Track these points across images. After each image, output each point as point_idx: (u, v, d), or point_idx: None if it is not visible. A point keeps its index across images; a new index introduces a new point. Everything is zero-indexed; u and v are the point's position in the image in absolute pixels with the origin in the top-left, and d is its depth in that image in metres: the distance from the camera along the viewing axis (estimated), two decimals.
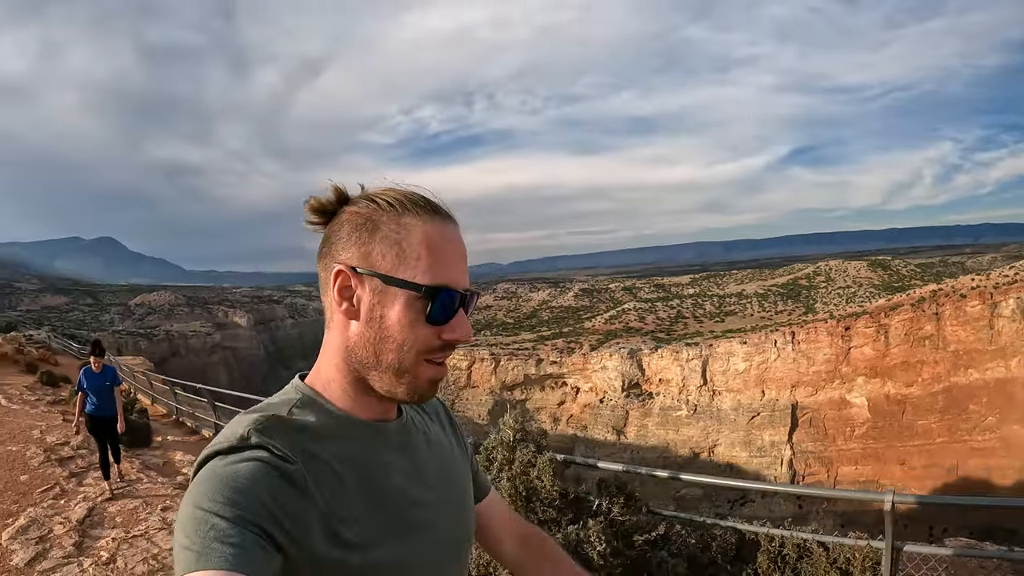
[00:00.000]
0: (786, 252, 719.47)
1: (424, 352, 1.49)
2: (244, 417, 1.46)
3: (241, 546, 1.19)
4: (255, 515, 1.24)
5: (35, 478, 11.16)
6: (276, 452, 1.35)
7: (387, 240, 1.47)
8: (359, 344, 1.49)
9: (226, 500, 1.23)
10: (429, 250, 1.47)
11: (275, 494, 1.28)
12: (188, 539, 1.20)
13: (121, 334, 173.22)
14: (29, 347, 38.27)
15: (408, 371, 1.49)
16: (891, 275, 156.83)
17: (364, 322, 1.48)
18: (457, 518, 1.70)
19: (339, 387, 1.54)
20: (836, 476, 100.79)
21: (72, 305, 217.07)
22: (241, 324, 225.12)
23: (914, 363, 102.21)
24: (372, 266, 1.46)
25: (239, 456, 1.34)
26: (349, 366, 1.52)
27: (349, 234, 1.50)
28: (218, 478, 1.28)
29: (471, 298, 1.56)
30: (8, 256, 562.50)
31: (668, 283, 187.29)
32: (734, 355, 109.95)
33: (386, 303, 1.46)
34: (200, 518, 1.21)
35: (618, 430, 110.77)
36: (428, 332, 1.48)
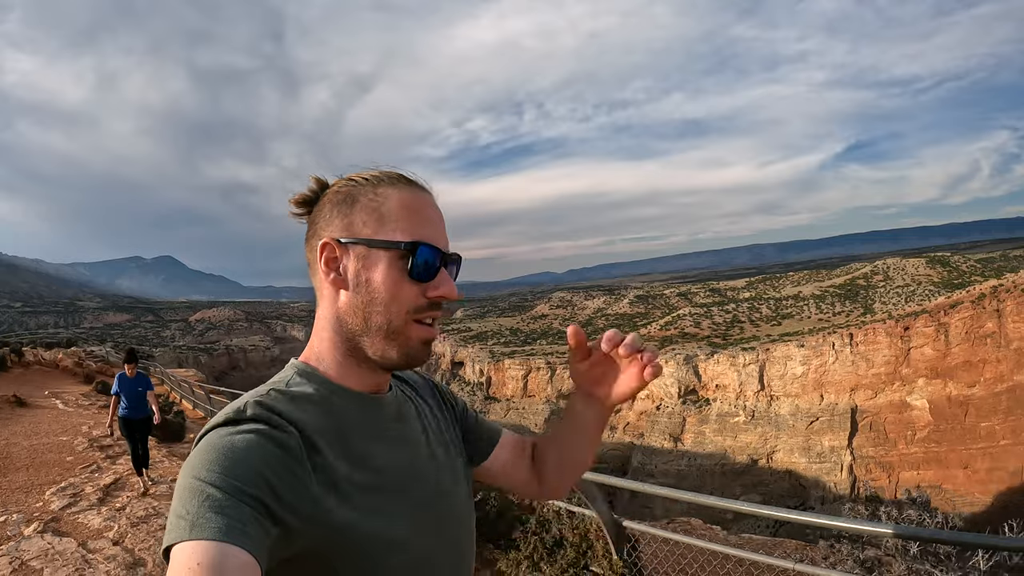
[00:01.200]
0: (842, 251, 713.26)
1: (412, 311, 1.54)
2: (245, 394, 1.51)
3: (234, 517, 1.20)
4: (250, 485, 1.25)
5: (78, 459, 14.19)
6: (273, 424, 1.38)
7: (366, 208, 1.55)
8: (349, 311, 1.55)
9: (222, 470, 1.25)
10: (407, 212, 1.55)
11: (271, 464, 1.30)
12: (183, 508, 1.22)
13: (182, 349, 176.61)
14: (88, 360, 40.89)
15: (398, 332, 1.54)
16: (951, 272, 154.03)
17: (352, 289, 1.54)
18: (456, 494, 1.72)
19: (332, 360, 1.59)
20: (897, 482, 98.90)
21: (134, 322, 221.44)
22: (299, 338, 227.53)
23: (976, 362, 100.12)
24: (355, 234, 1.54)
25: (236, 428, 1.36)
26: (341, 336, 1.57)
27: (330, 210, 1.58)
28: (215, 449, 1.30)
29: (454, 260, 1.64)
30: (72, 276, 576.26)
31: (723, 287, 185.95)
32: (791, 359, 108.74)
33: (370, 266, 1.53)
34: (195, 488, 1.23)
35: (675, 437, 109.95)
36: (413, 290, 1.54)
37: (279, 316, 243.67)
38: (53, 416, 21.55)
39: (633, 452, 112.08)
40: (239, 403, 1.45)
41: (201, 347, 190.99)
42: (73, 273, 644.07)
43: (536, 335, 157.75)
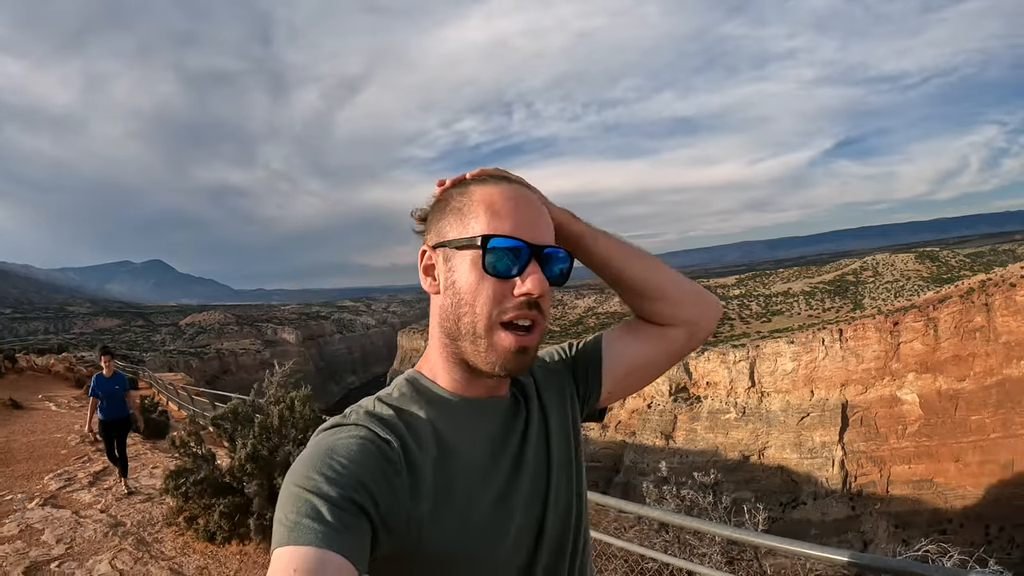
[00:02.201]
0: (833, 248, 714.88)
1: (497, 312, 1.47)
2: (357, 402, 1.54)
3: (332, 522, 1.20)
4: (350, 490, 1.26)
5: (71, 452, 16.09)
6: (375, 431, 1.39)
7: (452, 211, 1.52)
8: (444, 316, 1.52)
9: (322, 477, 1.26)
10: (487, 207, 1.48)
11: (371, 472, 1.31)
12: (283, 514, 1.23)
13: (172, 353, 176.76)
14: (79, 366, 41.57)
15: (483, 336, 1.47)
16: (940, 267, 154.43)
17: (443, 292, 1.51)
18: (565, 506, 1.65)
19: (441, 367, 1.57)
20: (889, 476, 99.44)
21: (124, 327, 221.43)
22: (290, 340, 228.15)
23: (965, 356, 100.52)
24: (442, 237, 1.52)
25: (340, 433, 1.38)
26: (443, 342, 1.55)
27: (430, 219, 1.57)
28: (317, 455, 1.31)
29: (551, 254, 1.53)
30: (63, 281, 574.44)
31: (713, 284, 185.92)
32: (782, 355, 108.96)
33: (455, 267, 1.49)
34: (295, 494, 1.25)
35: (666, 435, 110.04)
36: (498, 288, 1.46)
37: (270, 319, 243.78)
38: (47, 417, 23.40)
39: (625, 450, 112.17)
40: (346, 412, 1.48)
41: (192, 351, 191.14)
42: (63, 278, 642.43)
43: None
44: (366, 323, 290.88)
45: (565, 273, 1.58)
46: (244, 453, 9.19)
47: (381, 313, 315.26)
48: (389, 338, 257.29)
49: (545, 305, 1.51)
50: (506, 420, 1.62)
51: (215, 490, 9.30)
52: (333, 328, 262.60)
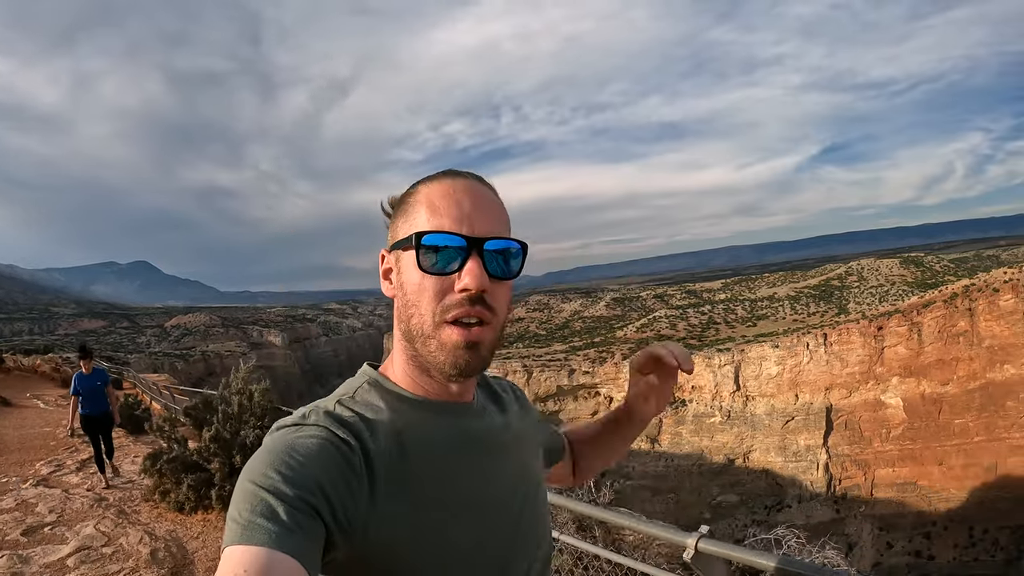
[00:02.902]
0: (819, 253, 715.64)
1: (440, 310, 1.43)
2: (312, 403, 1.49)
3: (286, 523, 1.18)
4: (305, 492, 1.23)
5: (60, 444, 17.20)
6: (335, 432, 1.35)
7: (402, 213, 1.50)
8: (399, 318, 1.49)
9: (279, 476, 1.24)
10: (427, 204, 1.45)
11: (329, 473, 1.28)
12: (237, 511, 1.21)
13: (157, 355, 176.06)
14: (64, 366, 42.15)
15: (431, 335, 1.43)
16: (924, 272, 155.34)
17: (397, 294, 1.50)
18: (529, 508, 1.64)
19: (401, 368, 1.54)
20: (873, 479, 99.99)
21: (109, 328, 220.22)
22: (276, 343, 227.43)
23: (949, 361, 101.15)
24: (392, 240, 1.51)
25: (298, 433, 1.35)
26: (402, 345, 1.52)
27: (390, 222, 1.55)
28: (274, 452, 1.29)
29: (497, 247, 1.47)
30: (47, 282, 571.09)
31: (700, 289, 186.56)
32: (766, 359, 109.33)
33: (402, 268, 1.47)
34: (251, 491, 1.23)
35: (652, 438, 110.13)
36: (437, 285, 1.42)
37: (255, 321, 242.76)
38: (36, 413, 24.83)
39: None
40: (303, 411, 1.44)
41: (177, 353, 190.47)
42: (48, 279, 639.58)
43: (512, 338, 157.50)
44: (352, 326, 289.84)
45: (515, 266, 1.50)
46: (209, 435, 11.16)
47: (367, 316, 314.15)
48: (375, 341, 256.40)
49: (494, 300, 1.45)
50: (471, 425, 1.57)
51: (184, 467, 11.13)
52: (319, 331, 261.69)
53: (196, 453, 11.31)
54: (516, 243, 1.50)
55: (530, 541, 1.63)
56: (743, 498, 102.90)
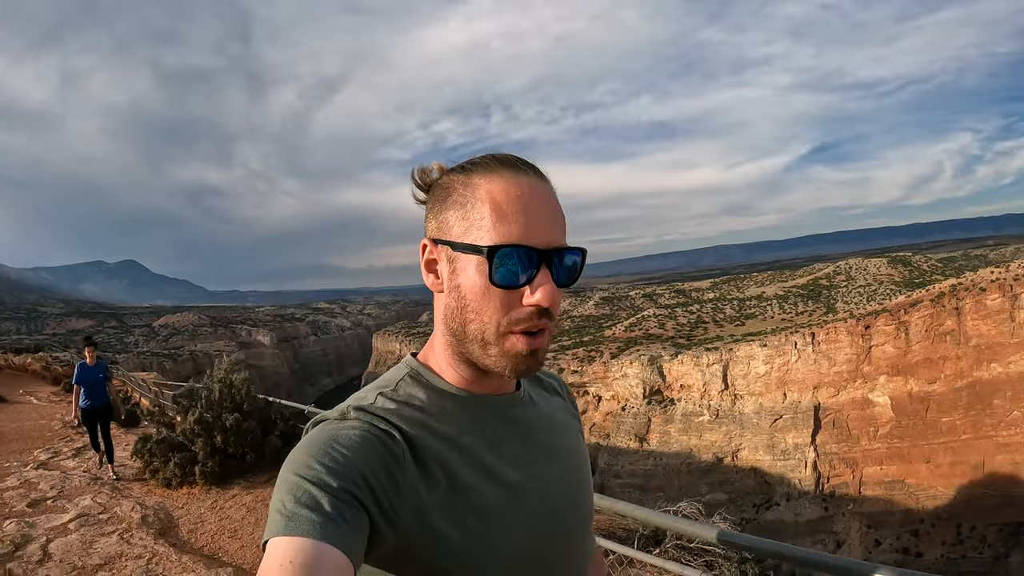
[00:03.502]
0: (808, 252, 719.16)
1: (508, 323, 1.39)
2: (355, 394, 1.49)
3: (331, 515, 1.18)
4: (350, 483, 1.23)
5: (56, 435, 18.56)
6: (378, 425, 1.35)
7: (456, 204, 1.43)
8: (449, 316, 1.45)
9: (322, 467, 1.23)
10: (493, 208, 1.38)
11: (372, 464, 1.28)
12: (281, 502, 1.21)
13: (146, 355, 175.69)
14: (55, 365, 43.18)
15: (493, 343, 1.41)
16: (912, 271, 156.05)
17: (447, 293, 1.44)
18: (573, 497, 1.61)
19: (445, 360, 1.51)
20: (861, 477, 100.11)
21: (97, 328, 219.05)
22: (264, 342, 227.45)
23: (936, 359, 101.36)
24: (444, 234, 1.44)
25: (342, 424, 1.35)
26: (448, 340, 1.48)
27: (431, 206, 1.49)
28: (318, 444, 1.28)
29: (562, 256, 1.43)
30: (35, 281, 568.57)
31: (688, 288, 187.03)
32: (754, 358, 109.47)
33: (458, 270, 1.42)
34: (295, 483, 1.22)
35: (640, 437, 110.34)
36: (506, 297, 1.38)
37: (244, 321, 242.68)
38: (31, 408, 26.10)
39: (599, 453, 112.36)
40: (345, 404, 1.43)
41: (165, 353, 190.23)
42: (35, 278, 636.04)
43: None
44: (341, 325, 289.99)
45: (577, 273, 1.48)
46: (193, 419, 12.90)
47: (356, 315, 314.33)
48: (364, 340, 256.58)
49: (555, 308, 1.42)
50: (517, 416, 1.57)
51: (171, 448, 12.82)
52: (308, 330, 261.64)
53: (182, 435, 12.98)
54: (579, 252, 1.47)
55: (575, 536, 1.61)
56: (732, 496, 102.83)
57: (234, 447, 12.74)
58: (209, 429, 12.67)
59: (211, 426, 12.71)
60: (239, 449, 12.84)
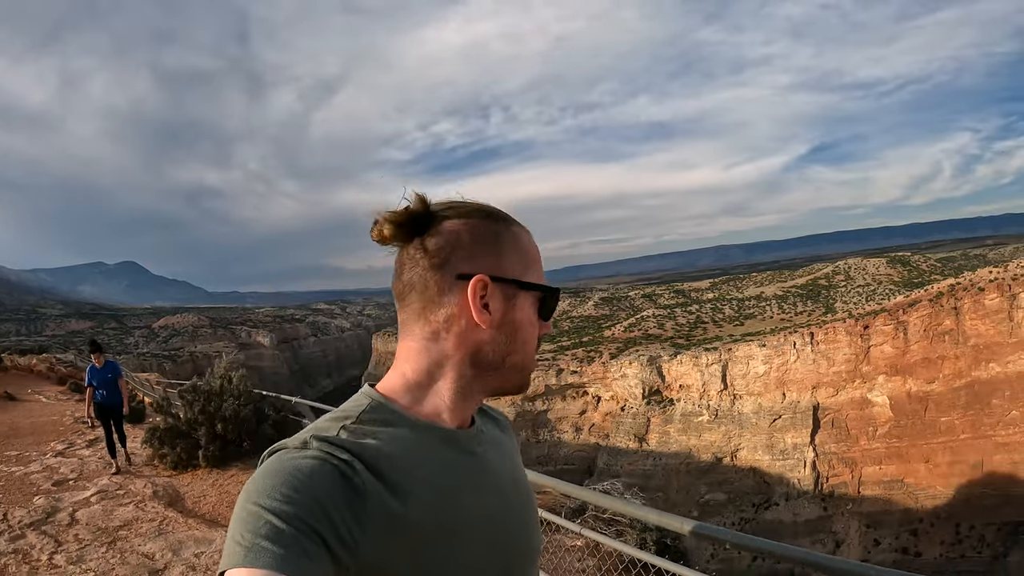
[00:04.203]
0: (807, 252, 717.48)
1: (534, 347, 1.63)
2: (313, 423, 1.51)
3: (290, 547, 1.19)
4: (310, 516, 1.24)
5: (68, 428, 19.57)
6: (338, 455, 1.36)
7: (512, 248, 1.58)
8: (488, 349, 1.56)
9: (282, 498, 1.24)
10: (534, 255, 1.63)
11: (333, 496, 1.29)
12: (239, 533, 1.21)
13: (146, 356, 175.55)
14: (59, 366, 44.31)
15: (527, 367, 1.62)
16: (911, 271, 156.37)
17: (496, 327, 1.55)
18: (525, 527, 1.69)
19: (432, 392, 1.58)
20: (860, 477, 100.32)
21: (97, 329, 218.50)
22: (264, 344, 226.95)
23: (934, 359, 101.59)
24: (505, 273, 1.56)
25: (302, 454, 1.35)
26: (460, 372, 1.57)
27: (476, 246, 1.56)
28: (277, 474, 1.29)
29: None
30: (34, 282, 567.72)
31: (688, 288, 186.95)
32: (753, 358, 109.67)
33: (519, 307, 1.57)
34: (254, 513, 1.23)
35: (640, 437, 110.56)
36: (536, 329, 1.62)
37: (244, 322, 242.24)
38: (41, 406, 27.25)
39: (599, 453, 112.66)
40: (304, 434, 1.44)
41: (165, 354, 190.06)
42: (35, 279, 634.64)
43: None
44: (340, 326, 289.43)
45: None
46: (196, 409, 14.80)
47: (356, 316, 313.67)
48: (364, 341, 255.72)
49: None
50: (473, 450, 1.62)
51: (177, 435, 14.57)
52: (308, 331, 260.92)
53: (187, 424, 14.74)
54: None
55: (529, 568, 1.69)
56: (731, 496, 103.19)
57: (232, 434, 14.64)
58: (211, 419, 14.51)
59: (212, 416, 14.55)
60: (237, 436, 14.72)
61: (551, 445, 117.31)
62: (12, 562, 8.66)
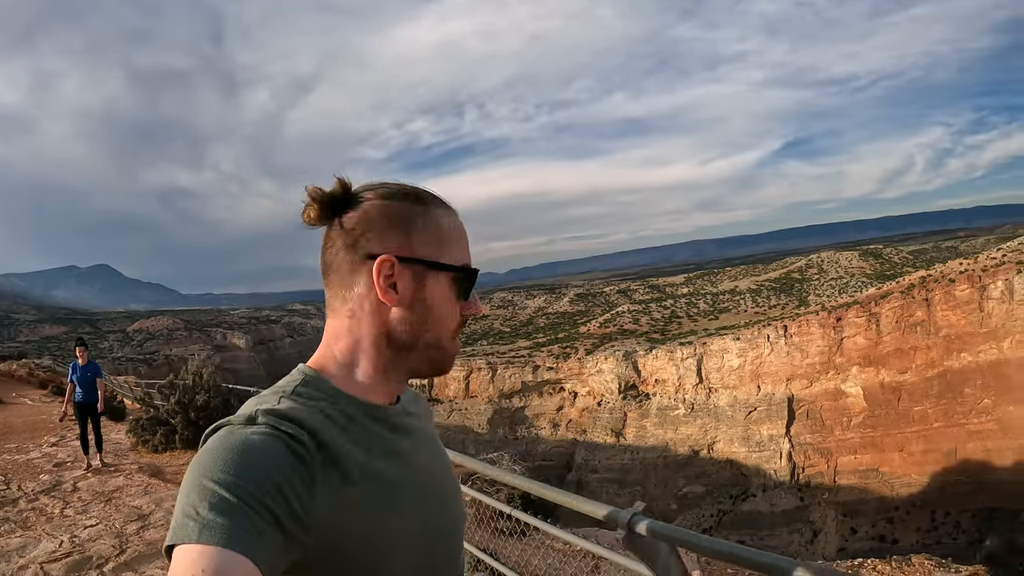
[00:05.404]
0: (781, 246, 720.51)
1: (455, 328, 1.64)
2: (253, 399, 1.53)
3: (243, 524, 1.19)
4: (262, 492, 1.24)
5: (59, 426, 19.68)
6: (283, 428, 1.37)
7: (425, 229, 1.59)
8: (399, 328, 1.58)
9: (232, 473, 1.24)
10: (457, 236, 1.64)
11: (284, 471, 1.29)
12: (192, 508, 1.21)
13: (121, 360, 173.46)
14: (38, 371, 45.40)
15: (444, 347, 1.63)
16: (883, 264, 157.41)
17: (406, 306, 1.57)
18: (450, 497, 1.74)
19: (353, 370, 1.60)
20: (836, 466, 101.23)
21: (71, 334, 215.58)
22: (240, 345, 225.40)
23: (907, 350, 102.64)
24: (415, 254, 1.57)
25: (250, 430, 1.35)
26: (380, 350, 1.59)
27: (384, 226, 1.59)
28: (229, 450, 1.29)
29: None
30: (6, 287, 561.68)
31: (662, 283, 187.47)
32: (728, 352, 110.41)
33: (430, 286, 1.59)
34: (206, 488, 1.23)
35: (617, 432, 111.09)
36: (456, 309, 1.63)
37: (219, 324, 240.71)
38: (27, 408, 28.55)
39: (576, 448, 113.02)
40: (247, 409, 1.45)
41: (140, 358, 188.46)
42: (7, 284, 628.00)
43: (477, 336, 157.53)
44: (316, 326, 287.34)
45: None
46: (173, 400, 17.47)
47: None
48: None
49: None
50: (400, 422, 1.67)
51: (157, 423, 17.30)
52: (284, 332, 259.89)
53: (165, 414, 17.46)
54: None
55: (457, 518, 1.75)
56: (708, 489, 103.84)
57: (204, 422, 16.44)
58: (185, 408, 17.23)
59: (187, 406, 17.25)
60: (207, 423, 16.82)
61: (529, 442, 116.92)
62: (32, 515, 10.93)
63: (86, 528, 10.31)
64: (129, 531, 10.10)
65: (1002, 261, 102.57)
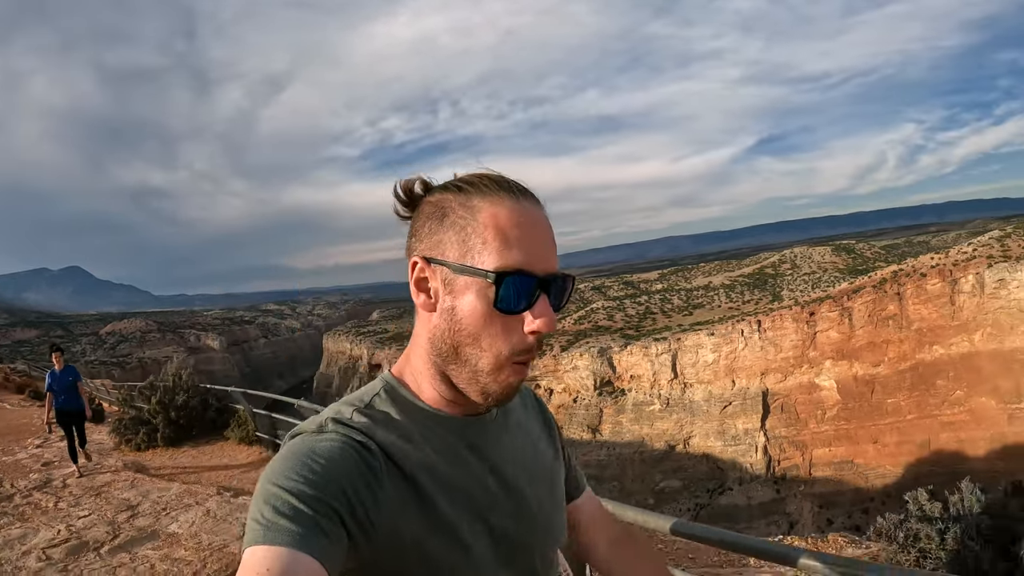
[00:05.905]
0: (755, 242, 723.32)
1: (512, 351, 1.38)
2: (330, 406, 1.48)
3: (308, 525, 1.19)
4: (328, 495, 1.23)
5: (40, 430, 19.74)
6: (355, 437, 1.35)
7: (455, 226, 1.39)
8: (438, 337, 1.42)
9: (301, 478, 1.23)
10: (497, 232, 1.36)
11: (350, 476, 1.28)
12: (259, 512, 1.21)
13: (94, 364, 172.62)
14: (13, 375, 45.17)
15: (488, 372, 1.40)
16: (855, 258, 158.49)
17: (439, 314, 1.41)
18: (541, 518, 1.62)
19: (424, 379, 1.49)
20: (811, 459, 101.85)
21: (43, 338, 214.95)
22: (214, 347, 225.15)
23: (879, 343, 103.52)
24: (441, 254, 1.39)
25: (320, 437, 1.34)
26: (431, 359, 1.46)
27: (423, 223, 1.44)
28: (296, 455, 1.29)
29: (558, 283, 1.44)
30: None
31: (637, 280, 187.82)
32: (702, 347, 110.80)
33: (456, 293, 1.38)
34: (273, 493, 1.22)
35: (593, 428, 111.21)
36: (505, 324, 1.37)
37: (193, 325, 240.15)
38: (8, 412, 28.32)
39: None
40: (321, 417, 1.43)
41: (114, 361, 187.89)
42: None
43: None
44: (291, 327, 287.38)
45: (567, 299, 1.50)
46: (155, 400, 18.05)
47: (306, 316, 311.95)
48: (315, 341, 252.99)
49: None
50: (487, 438, 1.56)
51: (139, 423, 17.97)
52: (258, 332, 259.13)
53: (147, 413, 18.08)
54: (572, 279, 1.49)
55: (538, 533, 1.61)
56: (685, 483, 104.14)
57: (184, 420, 18.04)
58: (166, 408, 17.90)
59: (167, 406, 17.92)
60: (187, 422, 18.12)
61: None
62: (28, 509, 11.49)
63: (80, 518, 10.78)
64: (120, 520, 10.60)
65: (973, 255, 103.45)
